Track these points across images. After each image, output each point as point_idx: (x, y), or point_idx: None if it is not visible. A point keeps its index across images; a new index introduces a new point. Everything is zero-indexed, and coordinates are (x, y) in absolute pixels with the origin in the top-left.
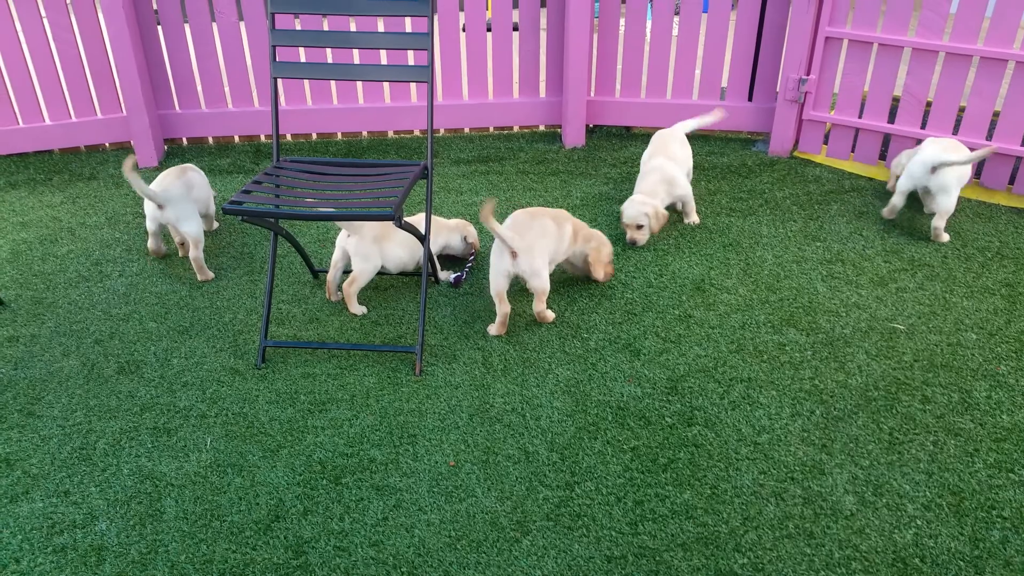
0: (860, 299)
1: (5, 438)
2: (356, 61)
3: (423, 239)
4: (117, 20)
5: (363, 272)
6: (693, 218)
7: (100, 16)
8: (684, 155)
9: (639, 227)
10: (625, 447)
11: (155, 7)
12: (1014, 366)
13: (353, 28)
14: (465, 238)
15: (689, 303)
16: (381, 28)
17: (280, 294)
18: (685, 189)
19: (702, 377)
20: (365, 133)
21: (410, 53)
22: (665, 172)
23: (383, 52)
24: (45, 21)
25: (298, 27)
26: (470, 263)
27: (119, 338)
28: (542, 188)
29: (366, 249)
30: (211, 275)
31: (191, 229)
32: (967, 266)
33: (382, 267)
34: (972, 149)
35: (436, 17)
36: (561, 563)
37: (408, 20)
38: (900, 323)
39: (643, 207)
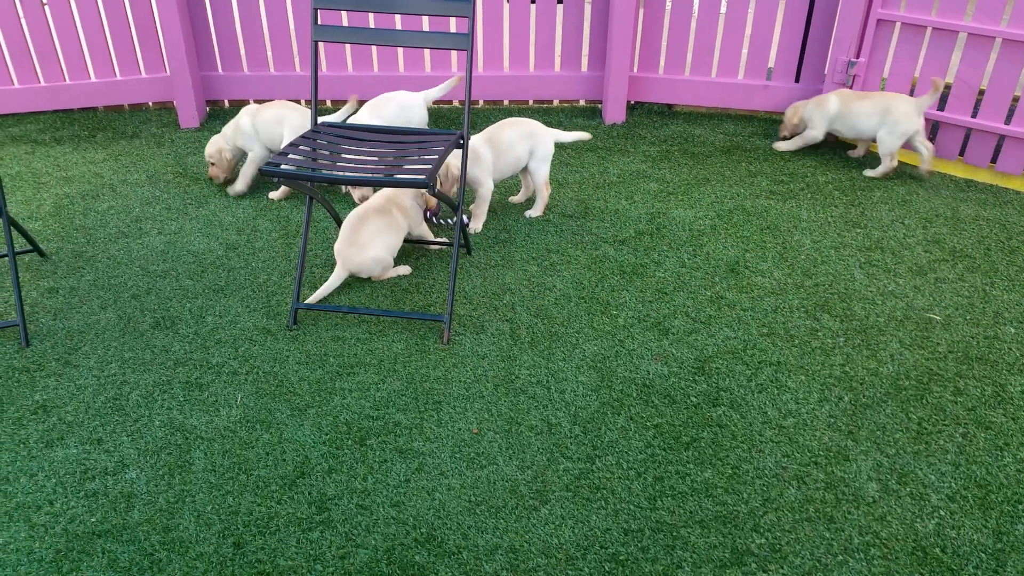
0: (897, 288)
1: (43, 385)
2: (398, 27)
3: (456, 208)
4: None
5: None
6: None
7: None
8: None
9: None
10: (648, 424)
11: None
12: None
13: None
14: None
15: (722, 285)
16: None
17: (313, 258)
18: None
19: (730, 359)
20: None
21: (452, 21)
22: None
23: (425, 19)
24: None
25: None
26: (438, 219)
27: (155, 294)
28: (578, 164)
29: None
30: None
31: None
32: (1010, 259)
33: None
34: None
35: None
36: (578, 532)
37: None
38: (937, 313)
39: None
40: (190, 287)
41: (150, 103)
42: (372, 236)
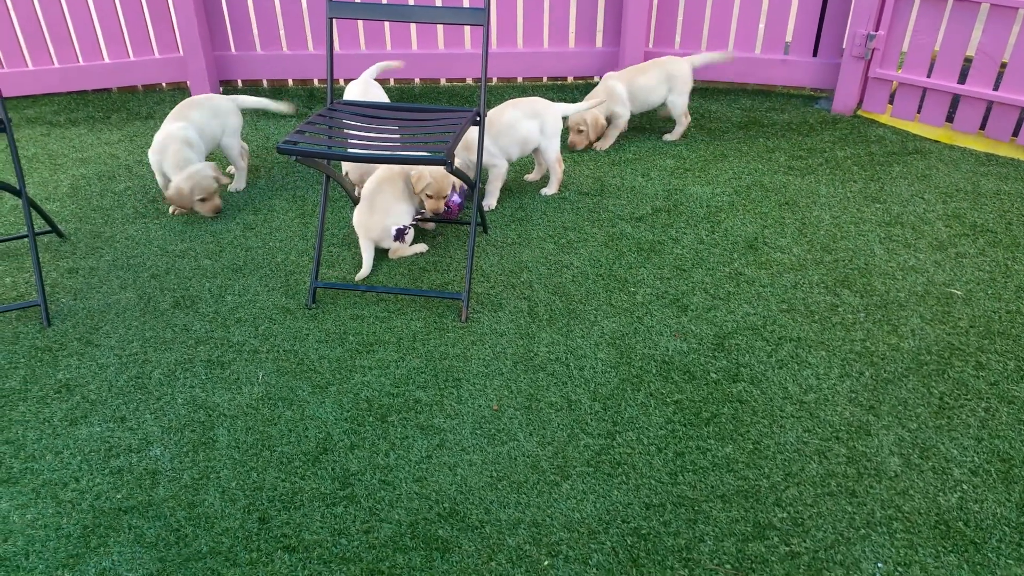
0: (918, 263)
1: (65, 364)
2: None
3: (473, 185)
4: None
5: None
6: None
7: None
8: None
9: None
10: (668, 400)
11: None
12: None
13: None
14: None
15: (740, 261)
16: None
17: (331, 237)
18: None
19: (750, 335)
20: (418, 80)
21: None
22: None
23: None
24: None
25: None
26: (415, 221)
27: (175, 273)
28: None
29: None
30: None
31: None
32: None
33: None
34: None
35: None
36: (600, 507)
37: None
38: (958, 288)
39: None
40: (208, 267)
41: (164, 84)
42: (388, 204)
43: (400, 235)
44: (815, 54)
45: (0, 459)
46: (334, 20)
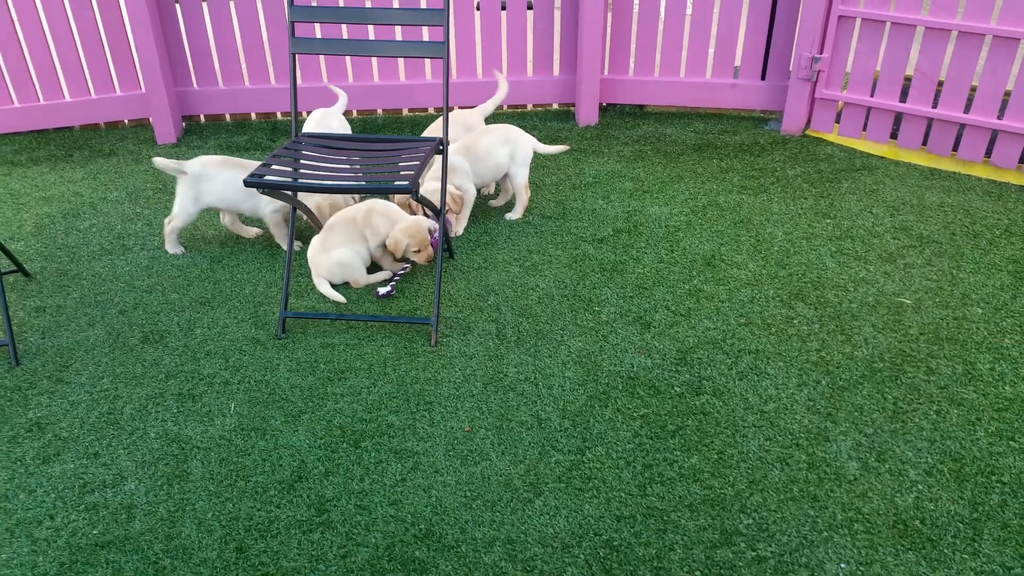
0: (868, 274)
1: (36, 403)
2: (371, 38)
3: (439, 212)
4: None
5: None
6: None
7: None
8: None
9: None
10: (635, 415)
11: None
12: (1019, 339)
13: (368, 4)
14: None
15: (699, 278)
16: (396, 4)
17: (299, 267)
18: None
19: (711, 349)
20: (380, 111)
21: (424, 30)
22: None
23: (398, 28)
24: None
25: (314, 3)
26: (402, 272)
27: (143, 309)
28: (555, 165)
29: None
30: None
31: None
32: (975, 243)
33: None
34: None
35: None
36: (572, 522)
37: None
38: (907, 298)
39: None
40: (177, 301)
41: (126, 120)
42: (338, 243)
43: (387, 295)
44: (763, 77)
45: None
46: (297, 55)
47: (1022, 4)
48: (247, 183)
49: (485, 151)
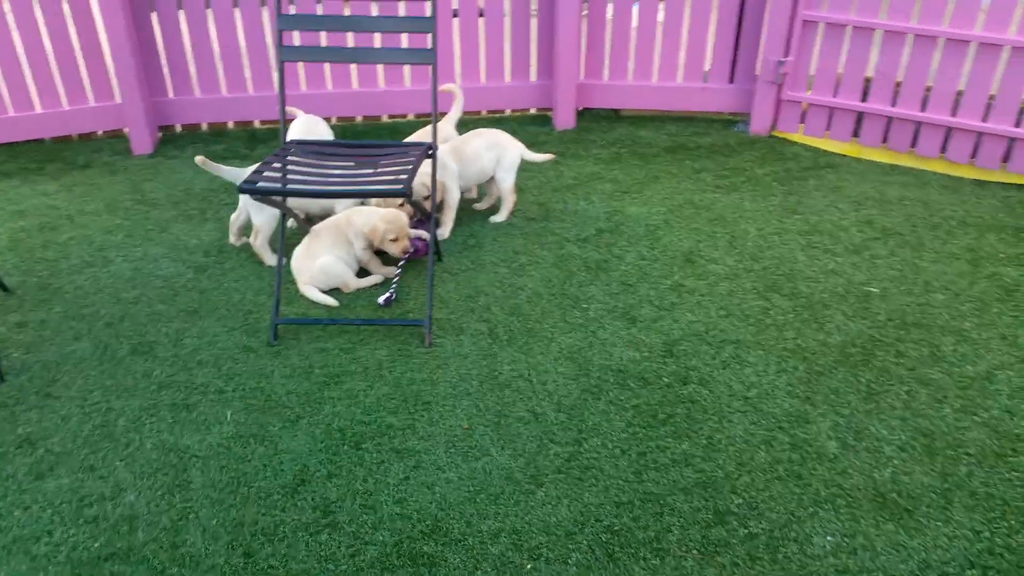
0: (837, 266)
1: (24, 419)
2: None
3: (429, 216)
4: (111, 5)
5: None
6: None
7: (93, 1)
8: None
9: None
10: (627, 405)
11: None
12: (977, 322)
13: (347, 12)
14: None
15: (680, 274)
16: (375, 12)
17: (288, 274)
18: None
19: (695, 340)
20: (360, 118)
21: (403, 37)
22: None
23: (377, 36)
24: (37, 7)
25: (292, 11)
26: (397, 274)
27: (129, 320)
28: (536, 169)
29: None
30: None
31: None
32: (934, 234)
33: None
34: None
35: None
36: (574, 510)
37: (401, 5)
38: (874, 287)
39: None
40: (164, 311)
41: (100, 131)
42: (322, 249)
43: (388, 302)
44: (732, 81)
45: None
46: (284, 63)
47: (970, 7)
48: (240, 190)
49: (473, 154)
